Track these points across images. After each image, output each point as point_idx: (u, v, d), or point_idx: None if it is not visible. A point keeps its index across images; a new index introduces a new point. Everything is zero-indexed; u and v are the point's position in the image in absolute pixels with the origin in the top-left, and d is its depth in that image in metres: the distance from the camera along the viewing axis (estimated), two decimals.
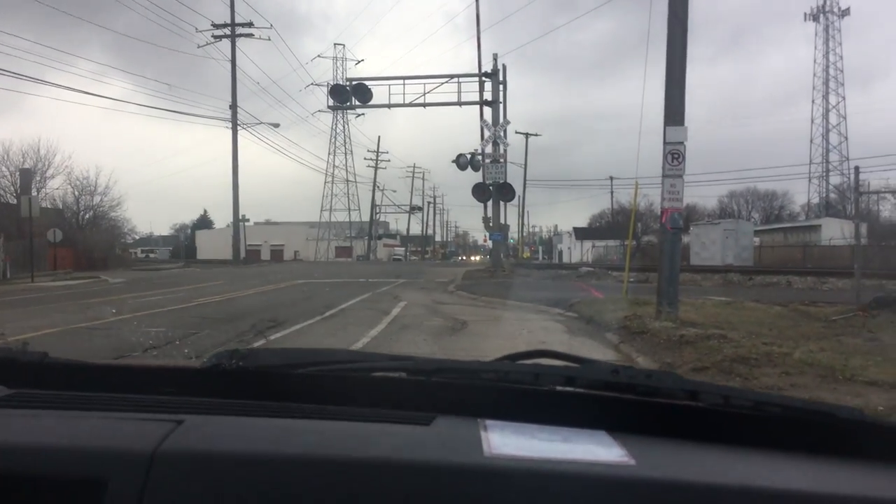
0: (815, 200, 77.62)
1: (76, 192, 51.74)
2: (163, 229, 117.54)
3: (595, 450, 1.14)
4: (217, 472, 1.06)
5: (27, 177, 38.09)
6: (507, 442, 1.14)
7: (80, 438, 1.13)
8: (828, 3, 76.42)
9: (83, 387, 1.43)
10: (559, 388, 1.38)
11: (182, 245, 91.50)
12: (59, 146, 56.84)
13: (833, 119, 76.44)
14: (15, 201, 39.04)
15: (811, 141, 77.34)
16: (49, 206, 46.32)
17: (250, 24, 52.78)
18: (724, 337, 9.29)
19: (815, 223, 56.35)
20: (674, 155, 11.66)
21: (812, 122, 77.67)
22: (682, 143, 11.69)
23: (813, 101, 78.06)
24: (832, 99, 76.86)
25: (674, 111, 11.74)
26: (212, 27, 52.43)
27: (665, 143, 11.68)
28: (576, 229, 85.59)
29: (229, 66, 52.89)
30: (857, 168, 15.63)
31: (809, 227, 56.05)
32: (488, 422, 1.24)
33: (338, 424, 1.22)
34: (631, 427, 1.24)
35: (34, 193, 37.09)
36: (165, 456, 1.06)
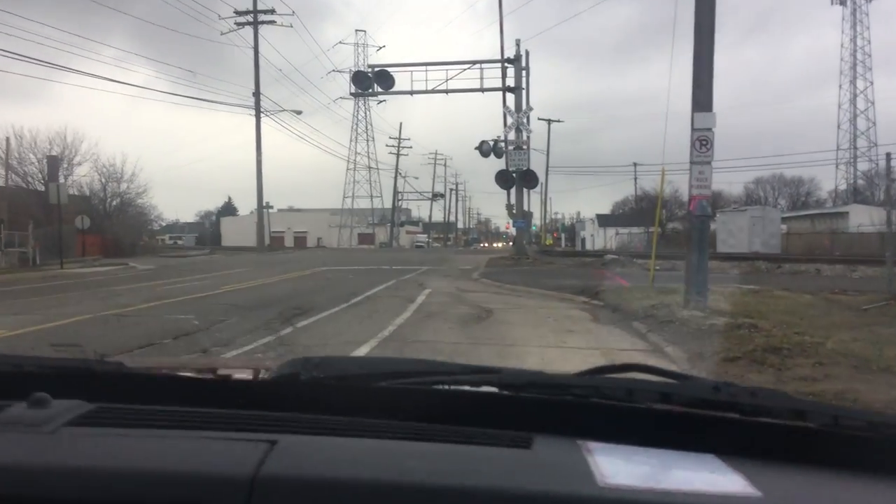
0: (843, 187, 76.65)
1: (103, 179, 52.30)
2: (188, 216, 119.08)
3: (713, 478, 1.07)
4: (320, 500, 1.01)
5: (54, 164, 38.57)
6: (618, 469, 1.08)
7: (174, 461, 1.08)
8: None
9: (163, 399, 1.39)
10: (656, 405, 1.29)
11: (207, 232, 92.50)
12: (85, 133, 57.63)
13: (861, 104, 75.34)
14: (43, 188, 39.49)
15: (839, 126, 76.29)
16: (77, 193, 46.83)
17: (272, 11, 52.95)
18: (755, 326, 9.19)
19: (843, 210, 55.61)
20: (702, 141, 11.53)
21: (839, 107, 76.58)
22: (710, 129, 11.56)
23: (840, 86, 76.96)
24: (860, 84, 75.71)
25: (702, 97, 11.61)
26: (234, 14, 52.62)
27: (693, 129, 11.55)
28: (599, 216, 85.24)
29: (252, 52, 53.15)
30: (888, 154, 15.37)
31: (837, 213, 55.33)
32: (590, 444, 1.18)
33: (436, 447, 1.16)
34: (737, 449, 1.18)
35: (62, 180, 37.54)
36: (266, 481, 1.01)
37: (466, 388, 1.45)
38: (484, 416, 1.30)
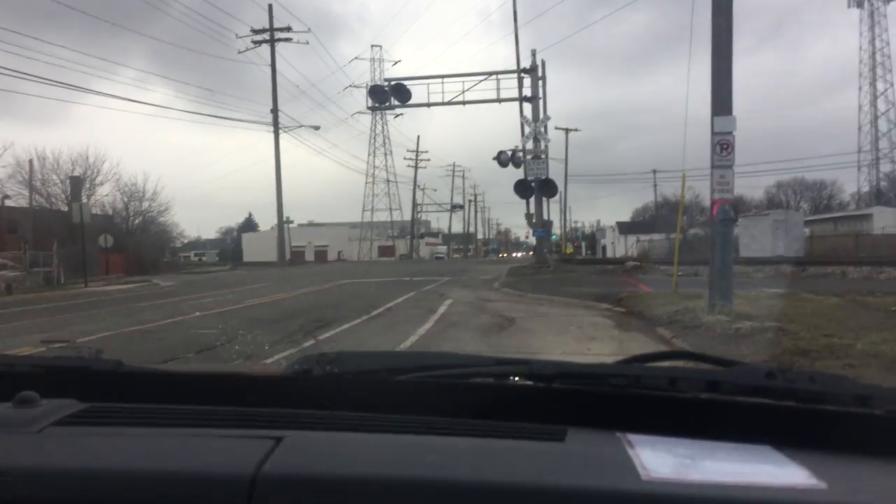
0: (865, 189, 75.68)
1: (125, 199, 52.96)
2: (209, 233, 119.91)
3: (771, 470, 0.98)
4: (327, 499, 0.93)
5: (77, 184, 39.03)
6: (663, 462, 0.99)
7: (168, 461, 1.01)
8: None
9: (163, 398, 1.31)
10: (703, 395, 1.21)
11: (229, 248, 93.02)
12: (106, 153, 58.02)
13: (882, 106, 74.37)
14: (66, 209, 39.95)
15: (859, 129, 75.35)
16: (99, 213, 47.31)
17: (289, 29, 53.27)
18: (782, 329, 9.05)
19: (867, 212, 55.00)
20: (722, 145, 11.41)
21: (860, 109, 75.66)
22: (731, 133, 11.44)
23: (860, 89, 76.02)
24: (880, 86, 74.76)
25: (722, 100, 11.50)
26: (251, 33, 53.02)
27: (713, 133, 11.44)
28: (619, 223, 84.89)
29: (269, 70, 53.51)
30: None
31: (860, 216, 54.72)
32: (630, 436, 1.09)
33: (459, 441, 1.07)
34: (795, 440, 1.08)
35: (84, 200, 37.91)
36: (268, 479, 0.93)
37: (492, 380, 1.35)
38: (513, 409, 1.22)
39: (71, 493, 0.96)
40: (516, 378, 1.34)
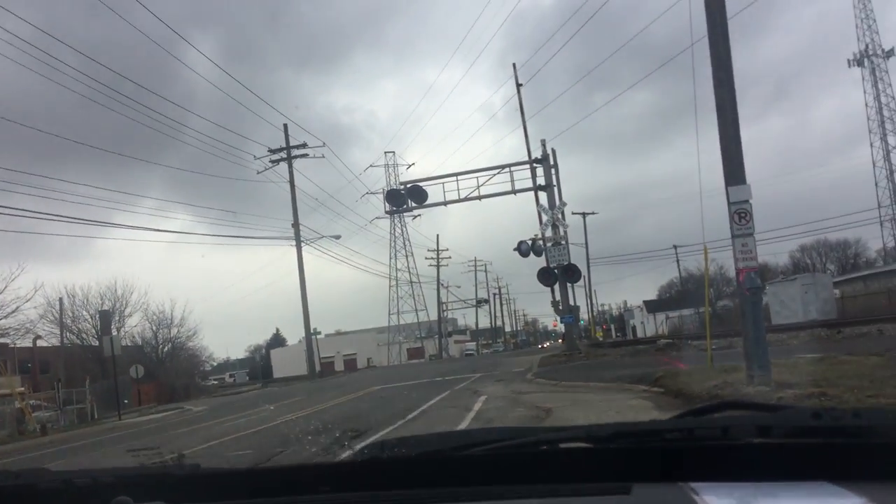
0: (892, 244, 74.89)
1: (154, 327, 53.54)
2: (238, 353, 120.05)
3: (829, 501, 1.03)
4: None
5: (106, 318, 39.59)
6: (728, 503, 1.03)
7: None
8: (870, 47, 75.60)
9: (244, 495, 1.39)
10: (755, 440, 1.26)
11: (258, 366, 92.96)
12: (134, 284, 58.86)
13: (895, 159, 74.44)
14: (97, 343, 40.38)
15: (876, 184, 75.22)
16: (129, 344, 47.80)
17: (304, 145, 54.82)
18: (825, 394, 8.85)
19: None
20: (740, 214, 11.44)
21: (874, 165, 75.71)
22: (747, 201, 11.49)
23: (871, 145, 76.32)
24: (892, 140, 75.03)
25: (734, 170, 11.60)
26: (269, 152, 54.54)
27: (730, 203, 11.50)
28: (646, 302, 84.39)
29: (287, 186, 54.78)
30: None
31: (890, 271, 53.91)
32: (693, 484, 1.13)
33: (530, 502, 1.14)
34: (851, 474, 1.11)
35: (114, 333, 38.33)
36: None
37: (555, 446, 1.42)
38: (578, 471, 1.29)
39: None
40: (575, 443, 1.41)
